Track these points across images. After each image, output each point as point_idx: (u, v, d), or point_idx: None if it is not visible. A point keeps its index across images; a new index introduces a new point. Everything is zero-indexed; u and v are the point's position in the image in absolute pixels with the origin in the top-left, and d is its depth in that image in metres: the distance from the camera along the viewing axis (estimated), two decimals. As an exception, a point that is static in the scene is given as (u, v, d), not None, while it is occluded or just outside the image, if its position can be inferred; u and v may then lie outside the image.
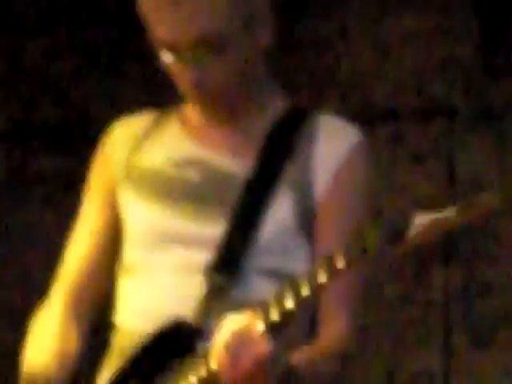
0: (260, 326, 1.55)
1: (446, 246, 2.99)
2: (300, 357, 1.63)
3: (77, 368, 1.87)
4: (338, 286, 1.65)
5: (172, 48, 1.75)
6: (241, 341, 1.56)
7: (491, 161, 3.05)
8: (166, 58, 1.76)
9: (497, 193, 1.41)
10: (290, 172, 1.78)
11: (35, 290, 2.08)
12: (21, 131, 3.47)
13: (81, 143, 3.03)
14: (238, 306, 1.62)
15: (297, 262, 1.72)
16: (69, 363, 1.85)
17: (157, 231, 1.83)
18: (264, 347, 1.54)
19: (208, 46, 1.74)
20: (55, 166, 3.42)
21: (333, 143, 1.81)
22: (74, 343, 1.88)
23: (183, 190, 1.84)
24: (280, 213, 1.77)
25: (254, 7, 1.80)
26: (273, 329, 1.57)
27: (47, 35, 3.24)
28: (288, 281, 1.56)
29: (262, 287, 1.69)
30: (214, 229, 1.78)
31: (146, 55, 1.84)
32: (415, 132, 3.01)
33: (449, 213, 1.35)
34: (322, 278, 1.49)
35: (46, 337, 1.91)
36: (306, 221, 1.77)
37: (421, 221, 1.37)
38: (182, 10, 1.74)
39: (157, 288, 1.80)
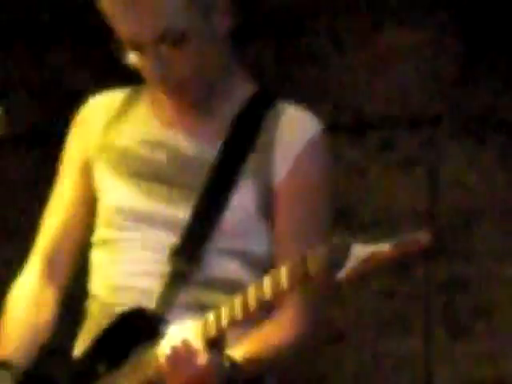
0: (198, 341, 1.63)
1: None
2: (244, 354, 1.71)
3: (51, 334, 1.98)
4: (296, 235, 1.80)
5: (135, 46, 1.78)
6: (179, 355, 1.65)
7: (472, 166, 3.22)
8: (131, 55, 1.79)
9: (427, 232, 1.47)
10: (253, 159, 1.83)
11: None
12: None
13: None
14: (201, 288, 1.73)
15: (258, 245, 1.77)
16: (44, 329, 1.95)
17: (127, 210, 1.89)
18: (203, 358, 1.63)
19: (168, 40, 1.77)
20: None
21: (293, 133, 1.85)
22: (47, 315, 1.96)
23: (153, 171, 1.88)
24: (242, 198, 1.81)
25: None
26: (213, 340, 1.65)
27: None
28: (238, 293, 1.62)
29: (224, 269, 1.76)
30: (180, 211, 1.83)
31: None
32: (402, 140, 3.22)
33: (383, 247, 1.44)
34: (267, 295, 1.55)
35: (21, 306, 1.99)
36: (267, 207, 1.81)
37: (358, 252, 1.46)
38: (141, 8, 1.77)
39: (127, 263, 1.86)
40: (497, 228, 3.22)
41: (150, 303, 1.78)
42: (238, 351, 1.72)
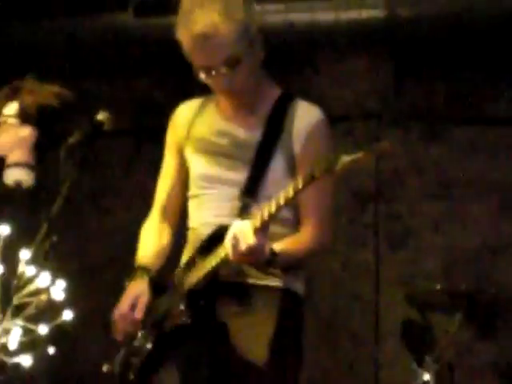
0: (249, 227, 2.19)
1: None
2: (281, 247, 2.31)
3: (168, 254, 2.65)
4: (312, 200, 2.38)
5: (205, 69, 2.36)
6: (236, 237, 2.20)
7: (407, 155, 4.41)
8: (202, 76, 2.39)
9: (387, 142, 2.07)
10: (281, 139, 2.45)
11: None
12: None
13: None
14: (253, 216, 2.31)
15: None
16: (164, 252, 2.63)
17: (204, 176, 2.54)
18: (252, 240, 2.17)
19: (228, 65, 2.36)
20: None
21: (304, 120, 2.47)
22: (166, 239, 2.66)
23: (219, 150, 2.50)
24: (277, 165, 2.44)
25: (252, 35, 2.39)
26: (262, 227, 2.19)
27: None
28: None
29: None
30: (239, 175, 2.45)
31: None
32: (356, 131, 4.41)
33: (359, 154, 2.01)
34: (300, 183, 2.10)
35: (152, 235, 2.65)
36: (291, 169, 2.44)
37: (345, 159, 2.03)
38: (212, 44, 2.32)
39: (209, 209, 2.52)
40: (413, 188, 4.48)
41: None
42: (276, 245, 2.32)
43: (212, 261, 2.41)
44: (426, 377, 3.37)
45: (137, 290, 2.53)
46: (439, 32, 4.10)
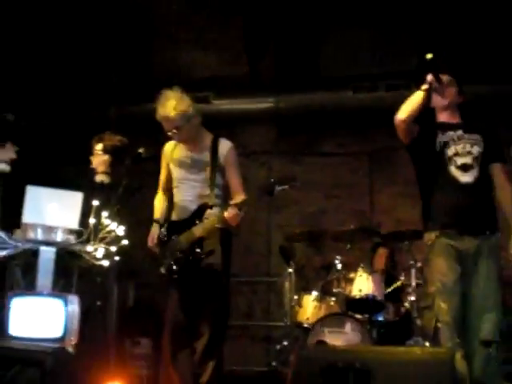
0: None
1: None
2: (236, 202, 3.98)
3: (166, 211, 4.34)
4: (235, 182, 4.14)
5: (166, 130, 4.10)
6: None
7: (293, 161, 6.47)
8: (168, 133, 4.14)
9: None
10: (216, 157, 4.16)
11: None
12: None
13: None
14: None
15: (222, 182, 4.14)
16: (165, 210, 4.39)
17: (180, 177, 4.22)
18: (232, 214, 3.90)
19: (175, 129, 4.11)
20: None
21: (224, 147, 4.18)
22: (165, 204, 4.41)
23: (186, 165, 4.19)
24: (216, 171, 4.13)
25: (189, 116, 4.10)
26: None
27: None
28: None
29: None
30: (196, 176, 4.13)
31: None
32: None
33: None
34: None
35: (159, 203, 4.41)
36: (222, 172, 4.15)
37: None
38: (168, 121, 4.08)
39: (183, 193, 4.20)
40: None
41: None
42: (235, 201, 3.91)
43: (199, 228, 4.00)
44: (290, 270, 5.66)
45: (153, 231, 4.25)
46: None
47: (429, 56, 3.57)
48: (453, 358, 3.24)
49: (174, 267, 4.02)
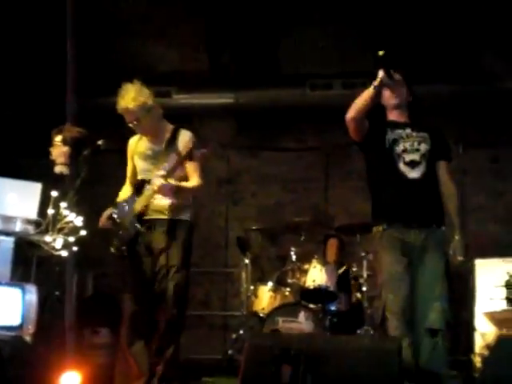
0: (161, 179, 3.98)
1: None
2: (176, 184, 4.08)
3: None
4: (192, 167, 4.19)
5: (127, 122, 4.22)
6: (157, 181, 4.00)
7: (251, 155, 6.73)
8: (129, 124, 4.26)
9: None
10: (176, 146, 4.20)
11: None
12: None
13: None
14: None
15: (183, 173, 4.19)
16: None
17: (143, 171, 4.37)
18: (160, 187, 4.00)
19: (136, 120, 4.24)
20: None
21: (185, 137, 4.26)
22: (130, 192, 4.43)
23: (148, 156, 4.34)
24: (173, 159, 4.08)
25: (149, 103, 4.21)
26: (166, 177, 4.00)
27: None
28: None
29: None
30: (158, 168, 4.11)
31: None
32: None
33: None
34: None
35: (124, 194, 4.46)
36: (180, 160, 4.08)
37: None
38: (130, 113, 4.20)
39: (147, 187, 4.23)
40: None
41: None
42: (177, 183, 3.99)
43: (137, 204, 4.12)
44: (246, 261, 5.74)
45: (105, 212, 4.36)
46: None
47: (380, 53, 3.60)
48: (399, 347, 3.32)
49: (122, 246, 4.12)
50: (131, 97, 4.08)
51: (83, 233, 3.85)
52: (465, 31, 6.20)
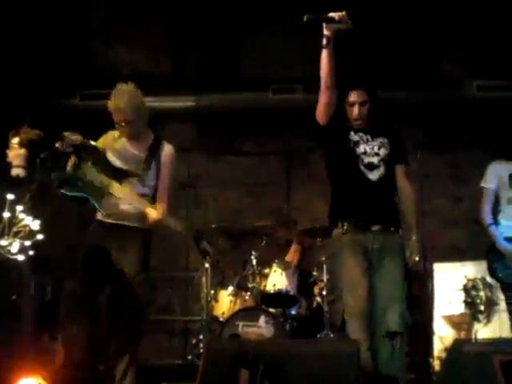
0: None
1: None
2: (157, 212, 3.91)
3: None
4: (163, 186, 4.04)
5: (116, 123, 4.03)
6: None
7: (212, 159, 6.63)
8: (116, 125, 4.07)
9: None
10: (156, 158, 4.10)
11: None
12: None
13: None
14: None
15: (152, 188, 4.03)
16: None
17: (118, 166, 4.03)
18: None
19: (126, 122, 4.06)
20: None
21: (167, 150, 4.15)
22: None
23: (124, 157, 4.06)
24: (152, 171, 4.06)
25: (140, 106, 4.08)
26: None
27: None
28: None
29: (142, 190, 3.98)
30: (134, 169, 4.00)
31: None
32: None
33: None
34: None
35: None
36: (158, 170, 4.08)
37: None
38: (121, 112, 4.02)
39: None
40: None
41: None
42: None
43: (123, 192, 3.92)
44: (206, 265, 5.72)
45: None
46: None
47: (305, 18, 3.51)
48: (358, 351, 3.31)
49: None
50: (125, 97, 4.02)
51: (40, 237, 3.93)
52: (423, 38, 6.24)
